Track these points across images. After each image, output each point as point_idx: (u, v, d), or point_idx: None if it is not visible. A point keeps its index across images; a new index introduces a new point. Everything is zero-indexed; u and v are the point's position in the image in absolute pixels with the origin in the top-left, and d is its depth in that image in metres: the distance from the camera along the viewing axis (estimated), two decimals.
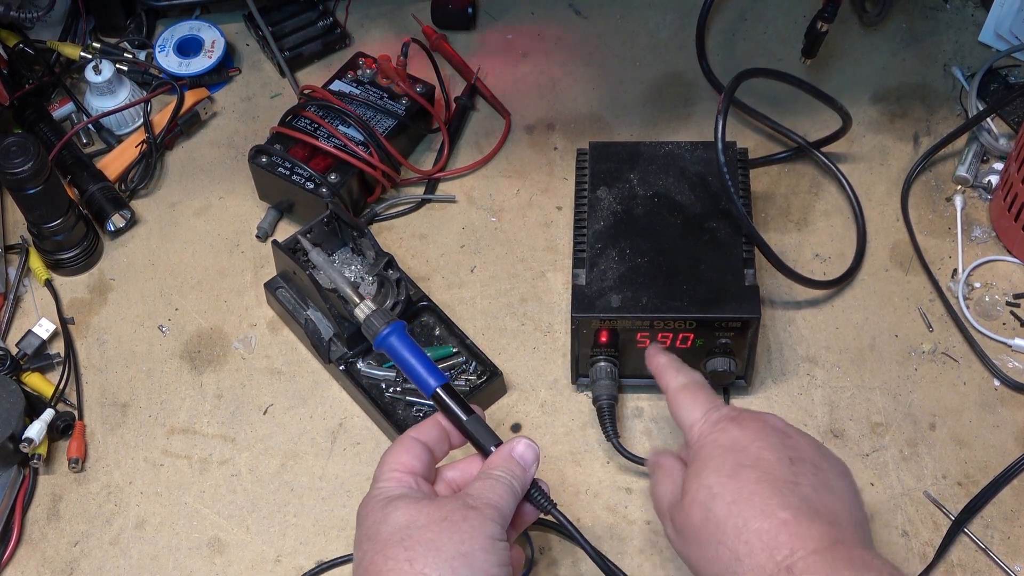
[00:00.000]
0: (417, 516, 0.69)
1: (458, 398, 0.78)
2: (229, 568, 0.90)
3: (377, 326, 0.81)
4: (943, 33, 1.19)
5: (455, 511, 0.69)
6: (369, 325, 0.81)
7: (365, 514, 0.71)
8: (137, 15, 1.22)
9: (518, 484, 0.73)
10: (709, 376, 0.92)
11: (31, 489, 0.94)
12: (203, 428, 0.97)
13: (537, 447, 0.75)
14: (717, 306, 0.88)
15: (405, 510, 0.70)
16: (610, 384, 0.92)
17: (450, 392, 0.78)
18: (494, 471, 0.73)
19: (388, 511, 0.70)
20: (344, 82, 1.11)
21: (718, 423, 0.74)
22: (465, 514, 0.69)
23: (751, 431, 0.72)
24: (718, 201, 0.94)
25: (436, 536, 0.68)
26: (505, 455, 0.75)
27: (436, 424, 0.77)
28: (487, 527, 0.69)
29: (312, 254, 0.91)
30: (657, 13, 1.22)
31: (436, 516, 0.69)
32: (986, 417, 0.94)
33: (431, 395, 0.78)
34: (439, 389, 0.77)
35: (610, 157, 0.98)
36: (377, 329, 0.80)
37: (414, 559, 0.67)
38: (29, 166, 0.97)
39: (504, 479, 0.73)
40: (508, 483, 0.73)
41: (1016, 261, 1.02)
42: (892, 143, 1.11)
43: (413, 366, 0.79)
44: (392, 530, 0.69)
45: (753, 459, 0.70)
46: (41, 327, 1.01)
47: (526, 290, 1.03)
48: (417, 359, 0.79)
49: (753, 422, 0.73)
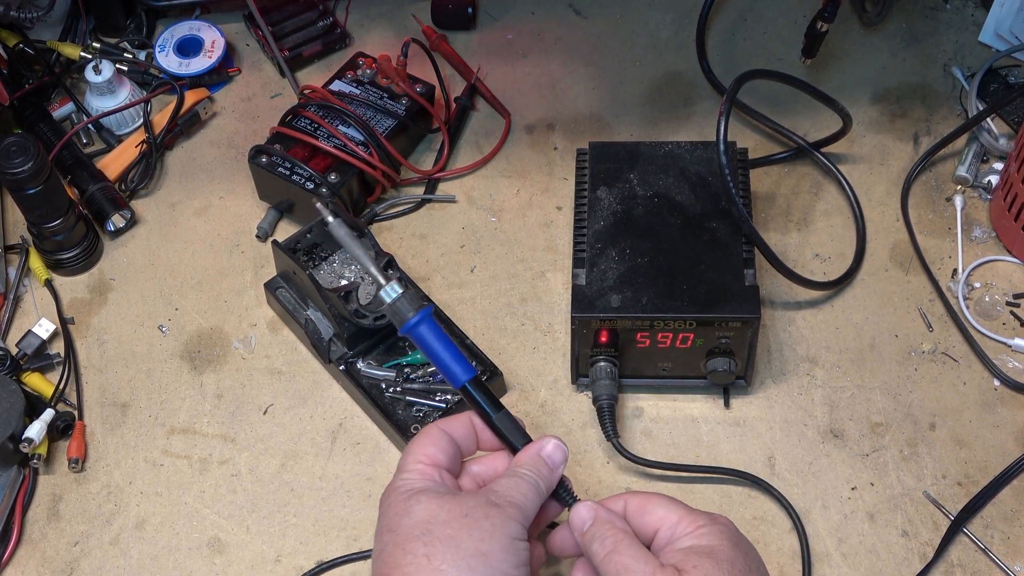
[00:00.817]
0: (439, 511, 0.68)
1: (488, 392, 0.76)
2: (229, 568, 0.90)
3: (405, 312, 0.74)
4: (943, 33, 1.19)
5: (477, 508, 0.68)
6: (396, 311, 0.75)
7: (388, 504, 0.71)
8: (137, 15, 1.22)
9: (544, 484, 0.72)
10: (709, 376, 0.93)
11: (31, 489, 0.94)
12: (203, 428, 0.97)
13: (566, 448, 0.74)
14: (717, 306, 0.88)
15: (427, 504, 0.69)
16: (610, 384, 0.92)
17: (479, 386, 0.75)
18: (520, 469, 0.72)
19: (410, 504, 0.69)
20: (344, 82, 1.11)
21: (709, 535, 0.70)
22: (487, 512, 0.68)
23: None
24: (718, 201, 0.94)
25: (456, 532, 0.67)
26: (533, 454, 0.73)
27: (466, 419, 0.76)
28: (509, 527, 0.68)
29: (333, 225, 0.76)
30: (657, 13, 1.22)
31: (458, 512, 0.68)
32: (986, 417, 0.94)
33: (459, 387, 0.76)
34: (468, 383, 0.75)
35: (610, 157, 0.98)
36: (405, 316, 0.74)
37: (432, 555, 0.66)
38: (29, 166, 0.97)
39: (530, 478, 0.72)
40: (534, 482, 0.72)
41: (1016, 261, 1.02)
42: (892, 143, 1.11)
43: (442, 357, 0.75)
44: (413, 523, 0.68)
45: None
46: (41, 327, 1.01)
47: (526, 290, 1.03)
48: (447, 350, 0.75)
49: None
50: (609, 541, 0.70)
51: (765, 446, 0.93)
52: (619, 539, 0.70)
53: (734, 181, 0.91)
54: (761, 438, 0.94)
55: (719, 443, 0.93)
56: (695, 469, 0.92)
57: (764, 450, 0.93)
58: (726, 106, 0.91)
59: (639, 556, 0.68)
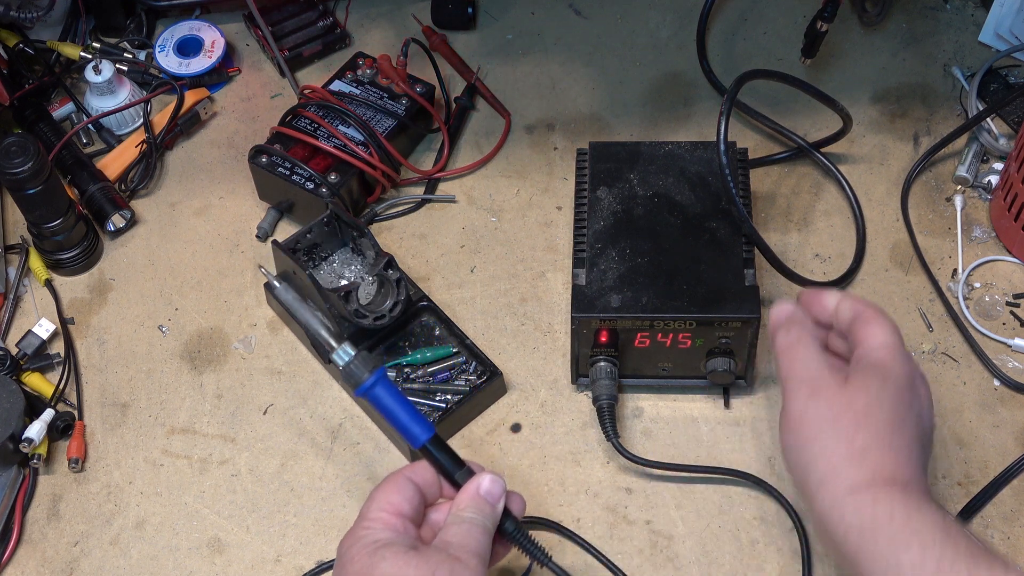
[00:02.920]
0: (405, 568, 0.69)
1: (447, 450, 0.76)
2: (229, 568, 0.90)
3: (359, 375, 0.74)
4: (943, 33, 1.19)
5: (442, 565, 0.69)
6: (350, 374, 0.75)
7: (351, 557, 0.71)
8: (137, 15, 1.22)
9: (490, 523, 0.74)
10: (709, 376, 0.93)
11: (31, 489, 0.94)
12: (203, 428, 0.97)
13: (502, 480, 0.75)
14: (717, 306, 0.88)
15: (392, 561, 0.69)
16: (610, 384, 0.92)
17: (439, 444, 0.76)
18: (465, 513, 0.73)
19: (375, 560, 0.69)
20: (344, 82, 1.11)
21: (896, 358, 0.76)
22: (452, 568, 0.69)
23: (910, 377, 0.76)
24: (718, 201, 0.94)
25: None
26: (472, 493, 0.74)
27: (432, 467, 0.76)
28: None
29: (278, 290, 0.79)
30: (657, 13, 1.22)
31: (425, 570, 0.69)
32: (986, 417, 0.94)
33: (419, 448, 0.76)
34: (428, 443, 0.75)
35: (610, 157, 0.98)
36: (360, 378, 0.74)
37: None
38: (29, 166, 0.97)
39: (477, 520, 0.73)
40: (481, 524, 0.73)
41: (1016, 261, 1.02)
42: (892, 143, 1.11)
43: (400, 417, 0.75)
44: None
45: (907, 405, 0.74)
46: (41, 327, 1.01)
47: (526, 290, 1.03)
48: (405, 410, 0.75)
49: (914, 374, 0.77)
50: (793, 335, 0.77)
51: (765, 446, 0.93)
52: (802, 338, 0.77)
53: (734, 181, 0.91)
54: (761, 438, 0.94)
55: (719, 443, 0.93)
56: (696, 469, 0.92)
57: (764, 450, 0.93)
58: (726, 106, 0.91)
59: (816, 354, 0.76)
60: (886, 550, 0.68)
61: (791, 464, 0.75)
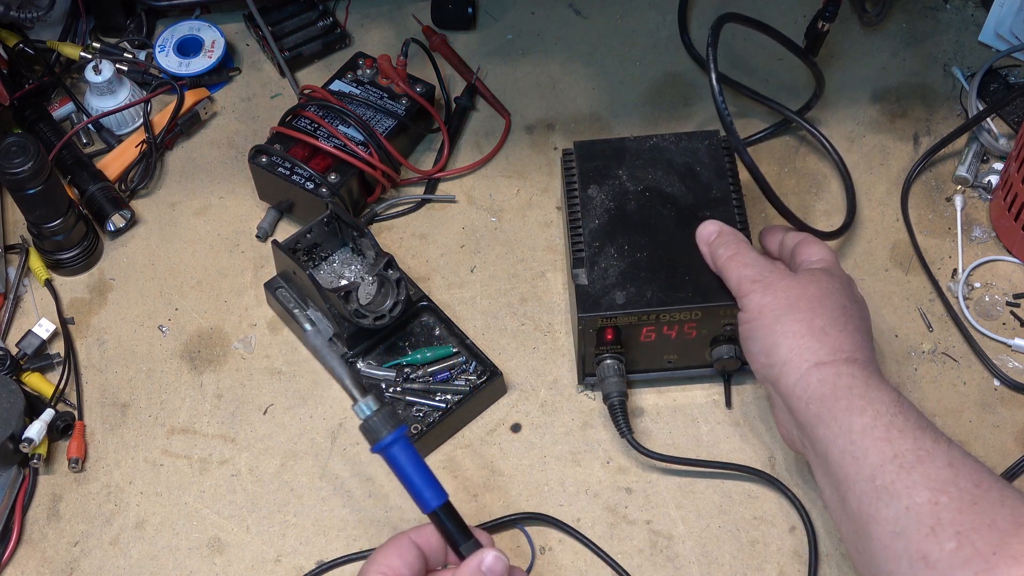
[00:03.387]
0: None
1: (458, 520, 0.73)
2: (229, 568, 0.90)
3: (379, 431, 0.72)
4: (943, 33, 1.19)
5: None
6: (369, 428, 0.72)
7: None
8: (137, 15, 1.22)
9: None
10: (715, 364, 0.93)
11: (31, 489, 0.94)
12: (203, 428, 0.97)
13: (506, 559, 0.72)
14: (721, 293, 0.88)
15: None
16: (619, 381, 0.92)
17: (450, 513, 0.73)
18: None
19: None
20: (344, 82, 1.11)
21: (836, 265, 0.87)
22: None
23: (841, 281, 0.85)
24: (709, 190, 0.95)
25: None
26: (474, 569, 0.71)
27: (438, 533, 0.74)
28: None
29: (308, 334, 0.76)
30: (657, 13, 1.22)
31: None
32: (986, 417, 0.94)
33: (429, 513, 0.73)
34: (439, 509, 0.73)
35: (596, 155, 0.98)
36: (379, 435, 0.72)
37: None
38: (29, 166, 0.97)
39: None
40: None
41: (1016, 261, 1.02)
42: (892, 143, 1.11)
43: (414, 480, 0.72)
44: None
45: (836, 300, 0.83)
46: (41, 327, 1.01)
47: (526, 290, 1.03)
48: (420, 472, 0.72)
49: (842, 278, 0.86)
50: (732, 246, 0.86)
51: (765, 445, 0.93)
52: (740, 247, 0.86)
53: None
54: (762, 437, 0.94)
55: (719, 442, 0.93)
56: (709, 464, 0.91)
57: (764, 449, 0.93)
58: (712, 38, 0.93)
59: (757, 257, 0.85)
60: (842, 415, 0.75)
61: (752, 354, 0.83)
